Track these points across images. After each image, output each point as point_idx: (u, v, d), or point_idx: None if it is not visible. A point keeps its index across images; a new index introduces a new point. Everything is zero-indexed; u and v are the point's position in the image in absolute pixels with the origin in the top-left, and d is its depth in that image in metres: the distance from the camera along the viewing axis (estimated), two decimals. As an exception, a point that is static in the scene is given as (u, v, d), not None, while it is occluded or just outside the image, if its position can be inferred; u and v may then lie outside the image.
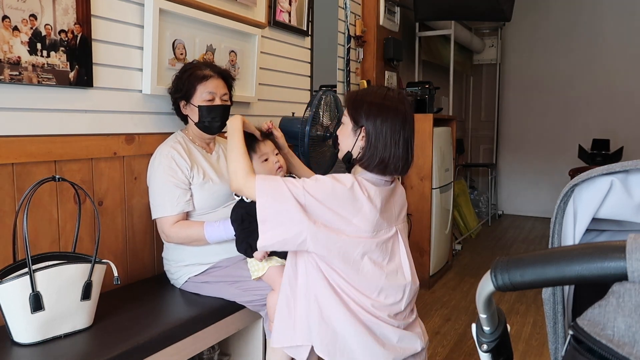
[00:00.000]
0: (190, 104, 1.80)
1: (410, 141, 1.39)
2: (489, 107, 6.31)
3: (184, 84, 1.79)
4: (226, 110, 1.84)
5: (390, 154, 1.35)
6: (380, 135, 1.34)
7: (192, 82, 1.78)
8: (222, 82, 1.84)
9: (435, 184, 3.45)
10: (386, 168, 1.36)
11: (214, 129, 1.82)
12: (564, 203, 0.72)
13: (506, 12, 4.03)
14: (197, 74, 1.79)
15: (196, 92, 1.78)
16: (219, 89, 1.82)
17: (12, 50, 1.46)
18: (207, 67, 1.83)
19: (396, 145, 1.35)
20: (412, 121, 1.39)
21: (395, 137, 1.35)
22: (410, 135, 1.38)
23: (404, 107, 1.38)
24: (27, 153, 1.53)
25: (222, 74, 1.86)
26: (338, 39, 3.43)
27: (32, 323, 1.31)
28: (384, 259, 1.37)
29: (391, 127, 1.34)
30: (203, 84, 1.78)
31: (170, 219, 1.71)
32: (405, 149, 1.37)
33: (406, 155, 1.38)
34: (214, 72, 1.82)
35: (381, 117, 1.34)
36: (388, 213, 1.40)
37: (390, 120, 1.34)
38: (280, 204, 1.25)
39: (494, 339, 0.69)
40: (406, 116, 1.37)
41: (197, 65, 1.84)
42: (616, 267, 0.48)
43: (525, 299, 3.23)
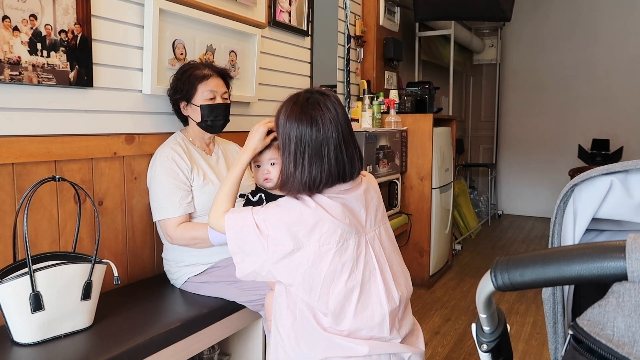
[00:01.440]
0: (191, 104, 1.80)
1: (341, 144, 1.20)
2: (489, 107, 6.32)
3: (184, 84, 1.79)
4: (227, 108, 1.85)
5: (315, 171, 1.17)
6: (293, 157, 1.19)
7: (192, 82, 1.78)
8: (222, 81, 1.85)
9: (435, 184, 3.45)
10: (317, 185, 1.18)
11: (216, 127, 1.83)
12: (563, 203, 0.72)
13: (506, 12, 4.03)
14: (196, 74, 1.79)
15: (197, 92, 1.78)
16: (219, 87, 1.82)
17: (12, 50, 1.46)
18: (205, 67, 1.84)
19: (319, 158, 1.17)
20: (325, 125, 1.19)
21: (315, 150, 1.18)
22: (339, 136, 1.19)
23: (314, 108, 1.19)
24: (27, 153, 1.53)
25: (221, 72, 1.87)
26: (338, 39, 3.43)
27: (32, 323, 1.31)
28: (352, 287, 1.18)
29: (297, 137, 1.18)
30: (204, 83, 1.79)
31: (174, 221, 1.70)
32: (337, 155, 1.19)
33: (342, 160, 1.19)
34: (213, 72, 1.83)
35: (289, 124, 1.19)
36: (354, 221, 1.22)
37: (297, 129, 1.18)
38: (245, 236, 1.19)
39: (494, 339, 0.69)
40: (314, 121, 1.18)
41: (195, 65, 1.85)
42: (616, 267, 0.48)
43: (525, 299, 3.23)
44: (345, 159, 1.21)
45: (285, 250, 1.15)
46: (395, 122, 3.31)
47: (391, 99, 3.45)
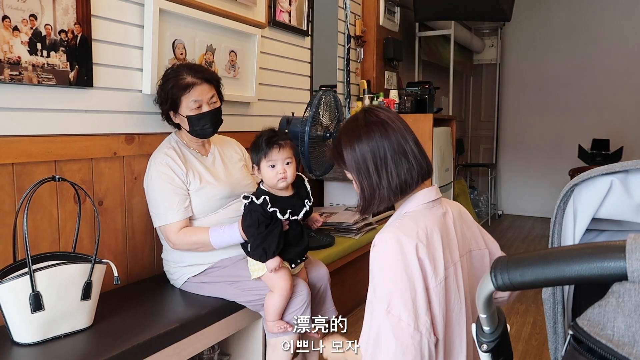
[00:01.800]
0: (178, 114, 1.75)
1: (405, 145, 1.14)
2: (489, 107, 6.31)
3: (168, 95, 1.72)
4: (216, 113, 1.78)
5: (377, 179, 1.12)
6: (361, 168, 1.13)
7: (175, 93, 1.71)
8: (207, 86, 1.75)
9: (435, 184, 3.44)
10: (382, 196, 1.12)
11: (207, 134, 1.79)
12: (563, 203, 0.72)
13: (506, 12, 4.03)
14: (179, 84, 1.71)
15: (182, 103, 1.72)
16: (204, 95, 1.73)
17: (12, 50, 1.46)
18: (189, 73, 1.72)
19: (383, 163, 1.12)
20: (395, 125, 1.16)
21: (378, 156, 1.12)
22: (400, 140, 1.14)
23: (377, 118, 1.15)
24: (27, 153, 1.53)
25: (206, 78, 1.75)
26: (338, 39, 3.43)
27: (32, 323, 1.31)
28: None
29: (368, 151, 1.12)
30: (187, 94, 1.71)
31: (175, 226, 1.70)
32: (400, 159, 1.12)
33: (407, 164, 1.13)
34: (196, 79, 1.72)
35: (358, 146, 1.13)
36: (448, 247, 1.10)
37: (369, 143, 1.12)
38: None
39: (494, 339, 0.69)
40: (384, 126, 1.14)
41: (179, 71, 1.73)
42: (616, 267, 0.48)
43: (525, 299, 3.23)
44: (423, 152, 1.17)
45: None
46: (395, 122, 3.30)
47: (391, 99, 3.45)
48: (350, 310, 2.97)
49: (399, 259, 1.01)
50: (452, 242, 1.12)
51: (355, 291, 3.02)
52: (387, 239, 1.04)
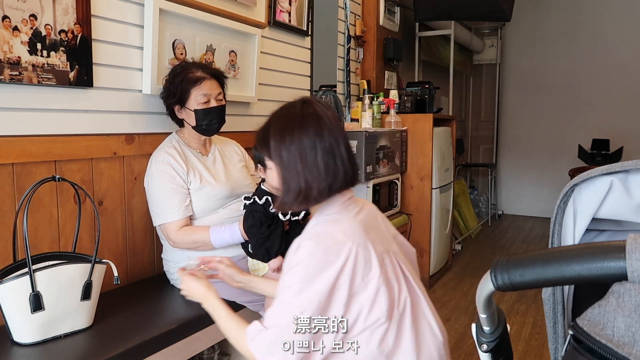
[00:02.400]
0: (185, 108, 1.77)
1: (336, 149, 1.09)
2: (489, 107, 6.31)
3: (177, 88, 1.74)
4: (222, 110, 1.82)
5: (306, 179, 1.07)
6: (289, 163, 1.09)
7: (185, 86, 1.74)
8: (216, 82, 1.80)
9: (435, 184, 3.45)
10: (309, 197, 1.08)
11: (212, 130, 1.81)
12: (563, 203, 0.72)
13: (506, 12, 4.03)
14: (189, 78, 1.74)
15: (191, 96, 1.74)
16: (213, 90, 1.78)
17: (12, 50, 1.46)
18: (198, 69, 1.77)
19: (313, 163, 1.07)
20: (331, 125, 1.11)
21: (309, 155, 1.07)
22: (333, 142, 1.09)
23: (314, 111, 1.11)
24: (27, 153, 1.53)
25: (214, 74, 1.81)
26: (338, 39, 3.43)
27: (32, 323, 1.31)
28: None
29: (299, 146, 1.08)
30: (197, 87, 1.74)
31: (175, 225, 1.70)
32: (329, 161, 1.08)
33: (334, 168, 1.08)
34: (206, 74, 1.77)
35: (287, 140, 1.09)
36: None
37: (302, 138, 1.08)
38: None
39: (494, 339, 0.69)
40: (320, 122, 1.09)
41: (187, 67, 1.78)
42: (616, 267, 0.48)
43: (525, 299, 3.23)
44: (352, 159, 1.13)
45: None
46: (395, 122, 3.31)
47: (391, 99, 3.45)
48: (350, 310, 2.97)
49: (323, 267, 1.01)
50: (380, 232, 1.14)
51: (355, 291, 3.02)
52: (311, 248, 1.03)
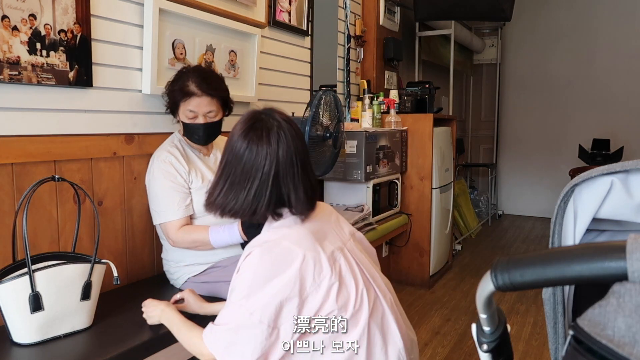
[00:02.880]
0: (177, 116, 1.77)
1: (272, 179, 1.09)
2: (489, 107, 6.31)
3: (169, 97, 1.75)
4: (210, 127, 1.76)
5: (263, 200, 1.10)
6: (233, 178, 1.12)
7: (175, 97, 1.72)
8: (208, 99, 1.71)
9: (435, 184, 3.45)
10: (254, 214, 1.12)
11: (201, 142, 1.80)
12: (564, 203, 0.72)
13: (506, 12, 4.03)
14: (181, 89, 1.70)
15: (179, 109, 1.74)
16: (201, 107, 1.71)
17: (12, 50, 1.46)
18: (194, 82, 1.69)
19: (248, 186, 1.10)
20: (287, 141, 1.10)
21: (249, 176, 1.09)
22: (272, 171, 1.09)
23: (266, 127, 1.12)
24: (27, 153, 1.53)
25: (209, 92, 1.71)
26: (338, 38, 3.43)
27: (31, 323, 1.31)
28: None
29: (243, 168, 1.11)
30: (184, 102, 1.71)
31: (175, 224, 1.70)
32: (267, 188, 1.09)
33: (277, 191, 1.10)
34: (199, 90, 1.69)
35: (233, 157, 1.14)
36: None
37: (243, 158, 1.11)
38: None
39: (494, 339, 0.69)
40: (269, 139, 1.10)
41: (187, 75, 1.72)
42: (616, 267, 0.48)
43: (525, 299, 3.23)
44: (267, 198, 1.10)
45: None
46: (395, 122, 3.31)
47: (391, 99, 3.45)
48: (350, 310, 2.97)
49: (272, 275, 1.04)
50: (332, 232, 1.17)
51: (355, 291, 3.02)
52: (259, 255, 1.07)
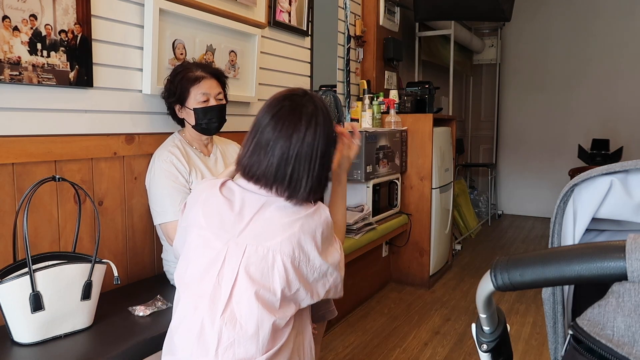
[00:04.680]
0: (185, 107, 1.78)
1: (272, 149, 1.14)
2: (488, 107, 6.31)
3: (177, 87, 1.77)
4: (222, 109, 1.83)
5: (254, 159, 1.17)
6: (251, 132, 1.19)
7: (184, 85, 1.76)
8: (215, 82, 1.82)
9: (435, 184, 3.45)
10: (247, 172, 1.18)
11: (212, 130, 1.82)
12: (563, 203, 0.72)
13: (506, 12, 4.03)
14: (189, 77, 1.76)
15: (190, 95, 1.76)
16: (212, 89, 1.79)
17: (12, 50, 1.46)
18: (198, 68, 1.80)
19: (252, 144, 1.17)
20: (296, 125, 1.14)
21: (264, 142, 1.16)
22: (277, 143, 1.14)
23: (293, 105, 1.16)
24: (27, 153, 1.53)
25: (215, 73, 1.83)
26: (338, 39, 3.43)
27: (32, 323, 1.31)
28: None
29: (257, 119, 1.19)
30: (196, 86, 1.76)
31: (175, 224, 1.70)
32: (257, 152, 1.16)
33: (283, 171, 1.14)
34: (206, 73, 1.79)
35: (262, 112, 1.19)
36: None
37: (261, 111, 1.19)
38: None
39: (494, 339, 0.69)
40: (279, 114, 1.15)
41: (188, 66, 1.81)
42: (616, 267, 0.48)
43: (525, 299, 3.23)
44: (289, 173, 1.14)
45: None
46: (395, 122, 3.31)
47: (391, 99, 3.45)
48: (349, 311, 2.98)
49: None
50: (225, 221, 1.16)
51: (355, 291, 3.02)
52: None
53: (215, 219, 1.15)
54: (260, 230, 1.12)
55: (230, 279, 1.09)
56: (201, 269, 1.13)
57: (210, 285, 1.10)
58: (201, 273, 1.13)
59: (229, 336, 1.06)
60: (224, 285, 1.09)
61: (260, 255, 1.09)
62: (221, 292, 1.09)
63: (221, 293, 1.09)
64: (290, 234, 1.10)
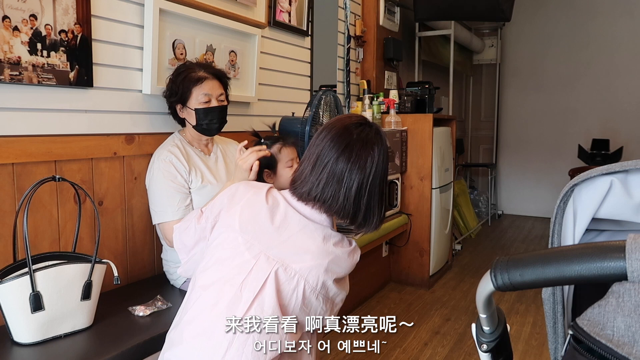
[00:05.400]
0: (186, 107, 1.78)
1: (348, 181, 1.13)
2: (488, 107, 6.31)
3: (179, 87, 1.76)
4: (223, 110, 1.82)
5: (313, 179, 1.15)
6: (311, 150, 1.17)
7: (186, 85, 1.75)
8: (218, 83, 1.81)
9: (435, 184, 3.45)
10: (308, 196, 1.16)
11: (212, 130, 1.82)
12: (563, 203, 0.72)
13: (506, 12, 4.03)
14: (191, 77, 1.76)
15: (192, 95, 1.76)
16: (214, 90, 1.79)
17: (12, 50, 1.46)
18: (201, 69, 1.79)
19: (322, 170, 1.14)
20: (369, 161, 1.14)
21: (324, 159, 1.14)
22: (353, 174, 1.13)
23: (363, 135, 1.14)
24: (27, 153, 1.53)
25: (217, 74, 1.82)
26: (338, 39, 3.43)
27: (32, 323, 1.31)
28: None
29: (325, 145, 1.14)
30: (198, 86, 1.75)
31: (172, 225, 1.70)
32: (330, 183, 1.14)
33: (329, 193, 1.14)
34: (208, 74, 1.79)
35: (324, 132, 1.16)
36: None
37: (329, 138, 1.15)
38: None
39: (494, 339, 0.69)
40: (352, 145, 1.13)
41: (191, 67, 1.80)
42: (616, 267, 0.48)
43: (525, 299, 3.23)
44: (365, 203, 1.16)
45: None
46: (395, 122, 3.31)
47: (391, 99, 3.45)
48: (350, 310, 2.98)
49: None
50: (260, 232, 1.15)
51: (355, 291, 3.02)
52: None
53: (250, 226, 1.15)
54: (294, 251, 1.13)
55: (253, 290, 1.09)
56: (225, 274, 1.13)
57: (231, 291, 1.10)
58: (225, 277, 1.12)
59: (240, 344, 1.07)
60: (245, 294, 1.09)
61: (288, 277, 1.12)
62: (241, 300, 1.09)
63: (241, 301, 1.09)
64: (319, 264, 1.13)
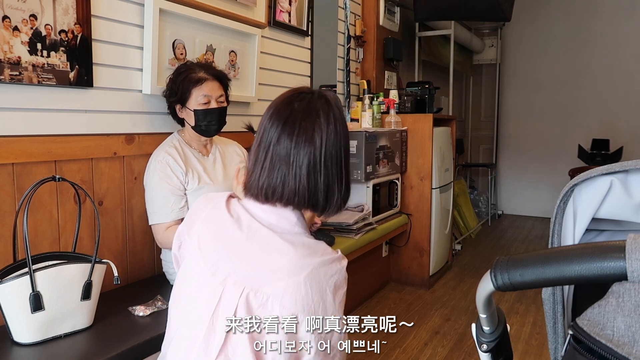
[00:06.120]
0: (186, 107, 1.78)
1: (296, 159, 0.94)
2: (488, 107, 6.31)
3: (179, 87, 1.76)
4: (222, 112, 1.82)
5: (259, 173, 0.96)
6: (256, 139, 0.99)
7: (186, 86, 1.75)
8: (218, 84, 1.81)
9: (435, 184, 3.45)
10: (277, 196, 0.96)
11: (211, 132, 1.81)
12: (563, 203, 0.72)
13: (506, 12, 4.03)
14: (191, 77, 1.75)
15: (191, 96, 1.75)
16: (214, 91, 1.78)
17: (12, 50, 1.46)
18: (201, 69, 1.79)
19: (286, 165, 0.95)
20: (303, 125, 0.95)
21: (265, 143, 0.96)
22: (300, 151, 0.94)
23: (304, 105, 0.96)
24: (27, 153, 1.53)
25: (217, 75, 1.82)
26: (338, 39, 3.43)
27: (32, 323, 1.31)
28: None
29: (265, 127, 0.96)
30: (198, 87, 1.75)
31: (163, 226, 1.71)
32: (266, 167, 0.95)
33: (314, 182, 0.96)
34: (208, 75, 1.78)
35: (264, 113, 0.99)
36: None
37: (268, 117, 0.97)
38: None
39: (494, 339, 0.69)
40: (294, 118, 0.95)
41: (191, 67, 1.80)
42: (616, 267, 0.48)
43: (525, 299, 3.23)
44: (323, 182, 0.98)
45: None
46: (395, 122, 3.31)
47: (391, 99, 3.45)
48: (350, 311, 2.98)
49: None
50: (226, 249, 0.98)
51: (355, 291, 3.02)
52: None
53: (212, 244, 0.98)
54: (263, 270, 0.94)
55: (225, 324, 0.92)
56: (193, 308, 0.99)
57: (204, 327, 0.94)
58: (195, 311, 0.98)
59: None
60: (219, 329, 0.93)
61: (260, 302, 0.92)
62: (215, 336, 0.93)
63: (215, 337, 0.93)
64: (295, 282, 0.92)
